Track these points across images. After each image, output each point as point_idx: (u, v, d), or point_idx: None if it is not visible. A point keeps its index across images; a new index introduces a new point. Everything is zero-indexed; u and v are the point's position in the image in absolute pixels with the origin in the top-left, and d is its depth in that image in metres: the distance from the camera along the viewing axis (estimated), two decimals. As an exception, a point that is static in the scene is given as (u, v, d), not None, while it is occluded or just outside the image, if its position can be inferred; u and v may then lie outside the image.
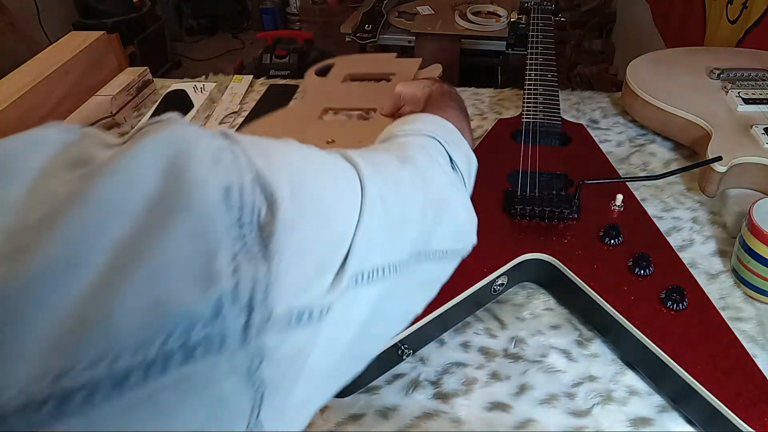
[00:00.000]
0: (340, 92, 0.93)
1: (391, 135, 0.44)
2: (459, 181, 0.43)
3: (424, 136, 0.42)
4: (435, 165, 0.40)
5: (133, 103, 1.04)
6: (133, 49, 2.58)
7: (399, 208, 0.32)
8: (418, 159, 0.38)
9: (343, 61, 1.02)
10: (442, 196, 0.38)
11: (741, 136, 0.76)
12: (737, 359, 0.52)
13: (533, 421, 0.53)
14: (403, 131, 0.43)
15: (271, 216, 0.21)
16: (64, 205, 0.18)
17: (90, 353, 0.16)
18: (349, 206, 0.28)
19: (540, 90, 0.88)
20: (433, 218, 0.36)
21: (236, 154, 0.22)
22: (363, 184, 0.29)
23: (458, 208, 0.41)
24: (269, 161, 0.23)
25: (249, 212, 0.21)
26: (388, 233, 0.31)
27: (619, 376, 0.57)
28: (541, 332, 0.61)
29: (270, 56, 2.17)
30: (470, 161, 0.47)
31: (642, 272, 0.59)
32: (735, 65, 0.90)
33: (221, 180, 0.20)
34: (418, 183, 0.35)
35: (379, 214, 0.29)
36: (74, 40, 1.04)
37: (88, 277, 0.17)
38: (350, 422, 0.54)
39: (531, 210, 0.65)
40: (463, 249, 0.42)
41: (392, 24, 1.82)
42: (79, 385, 0.16)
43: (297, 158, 0.27)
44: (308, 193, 0.25)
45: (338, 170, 0.30)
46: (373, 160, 0.32)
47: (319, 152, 0.30)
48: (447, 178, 0.40)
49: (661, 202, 0.76)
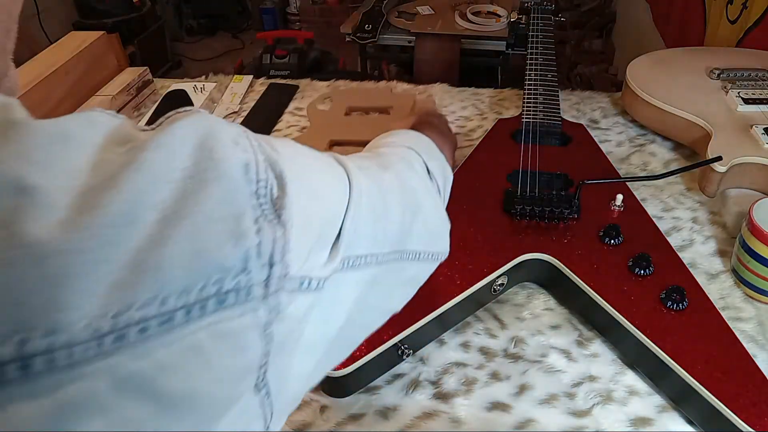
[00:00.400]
0: (343, 125, 0.96)
1: (374, 146, 0.48)
2: (434, 189, 0.46)
3: (404, 148, 0.46)
4: (412, 171, 0.43)
5: (133, 103, 1.04)
6: (133, 49, 2.57)
7: (381, 205, 0.36)
8: (397, 165, 0.42)
9: (341, 94, 1.04)
10: (417, 200, 0.41)
11: (741, 136, 0.76)
12: (737, 359, 0.52)
13: (533, 421, 0.53)
14: (385, 144, 0.48)
15: (281, 192, 0.25)
16: (121, 171, 0.21)
17: (144, 295, 0.20)
18: (340, 195, 0.31)
19: (540, 90, 0.88)
20: (410, 220, 0.39)
21: (250, 139, 0.26)
22: (350, 181, 0.33)
23: (432, 213, 0.43)
24: (274, 149, 0.27)
25: (264, 186, 0.24)
26: (372, 226, 0.34)
27: (619, 376, 0.57)
28: (541, 332, 0.61)
29: (270, 56, 2.17)
30: (446, 174, 0.50)
31: (642, 272, 0.59)
32: (735, 65, 0.90)
33: (241, 158, 0.24)
34: (396, 186, 0.39)
35: (364, 208, 0.33)
36: (74, 40, 1.04)
37: (142, 231, 0.20)
38: (350, 422, 0.54)
39: (531, 210, 0.65)
40: (437, 254, 0.45)
41: (392, 24, 1.81)
42: (134, 322, 0.19)
43: (296, 150, 0.31)
44: (307, 177, 0.29)
45: (330, 165, 0.33)
46: (358, 164, 0.36)
47: (314, 150, 0.33)
48: (423, 184, 0.44)
49: (661, 202, 0.76)
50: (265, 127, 0.98)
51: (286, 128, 0.98)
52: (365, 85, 1.09)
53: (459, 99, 1.03)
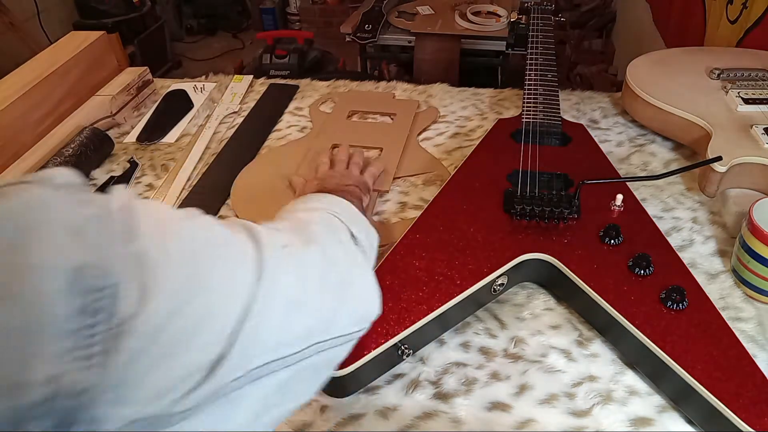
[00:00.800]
0: (346, 129, 0.96)
1: (294, 210, 0.45)
2: (362, 257, 0.43)
3: (325, 213, 0.44)
4: (338, 244, 0.40)
5: (133, 103, 1.04)
6: (133, 49, 2.58)
7: (300, 296, 0.31)
8: (321, 239, 0.38)
9: (344, 98, 1.04)
10: (345, 277, 0.38)
11: (741, 136, 0.76)
12: (737, 359, 0.52)
13: (533, 421, 0.53)
14: (306, 209, 0.45)
15: (137, 303, 0.19)
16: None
17: None
18: (236, 298, 0.26)
19: (540, 90, 0.88)
20: (336, 303, 0.35)
21: (110, 226, 0.20)
22: (263, 271, 0.28)
23: (361, 286, 0.41)
24: (162, 240, 0.21)
25: (101, 299, 0.18)
26: (284, 323, 0.29)
27: (619, 376, 0.57)
28: (541, 332, 0.61)
29: (270, 56, 2.17)
30: (370, 236, 0.48)
31: (642, 272, 0.59)
32: (735, 65, 0.90)
33: (71, 260, 0.18)
34: (321, 265, 0.35)
35: (277, 304, 0.28)
36: (74, 40, 1.04)
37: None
38: (350, 422, 0.54)
39: (531, 210, 0.65)
40: (365, 329, 0.42)
41: (392, 24, 1.82)
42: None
43: (193, 238, 0.25)
44: (186, 280, 0.23)
45: (236, 253, 0.28)
46: (282, 240, 0.31)
47: (220, 232, 0.28)
48: (350, 257, 0.41)
49: (661, 202, 0.76)
50: (265, 127, 0.98)
51: (286, 128, 0.98)
52: (366, 86, 1.09)
53: (459, 99, 1.03)
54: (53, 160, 0.84)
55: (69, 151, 0.86)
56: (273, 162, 0.89)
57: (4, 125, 0.86)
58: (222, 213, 0.80)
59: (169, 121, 1.01)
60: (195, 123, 1.01)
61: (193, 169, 0.89)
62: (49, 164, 0.83)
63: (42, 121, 0.92)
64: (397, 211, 0.79)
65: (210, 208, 0.80)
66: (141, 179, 0.88)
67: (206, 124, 1.00)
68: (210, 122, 1.00)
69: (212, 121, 1.00)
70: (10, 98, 0.87)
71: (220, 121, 1.00)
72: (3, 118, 0.85)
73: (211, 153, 0.93)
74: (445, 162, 0.87)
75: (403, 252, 0.63)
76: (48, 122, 0.93)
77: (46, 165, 0.83)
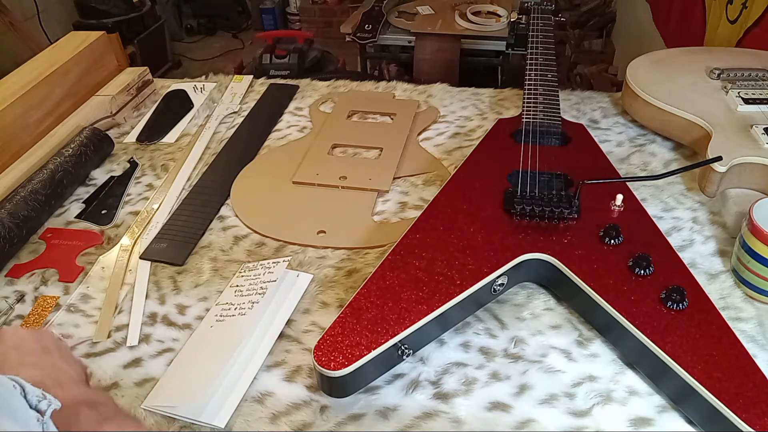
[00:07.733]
0: (346, 129, 0.97)
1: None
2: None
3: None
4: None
5: (133, 103, 1.04)
6: (133, 49, 2.58)
7: None
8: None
9: (344, 98, 1.04)
10: None
11: (741, 136, 0.76)
12: (737, 359, 0.52)
13: (533, 421, 0.53)
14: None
15: None
16: None
17: None
18: None
19: (540, 90, 0.88)
20: None
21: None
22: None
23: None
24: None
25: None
26: None
27: (619, 376, 0.57)
28: (541, 332, 0.61)
29: (270, 56, 2.17)
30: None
31: (642, 272, 0.59)
32: (735, 65, 0.90)
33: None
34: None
35: None
36: (74, 40, 1.04)
37: None
38: (350, 422, 0.54)
39: (531, 210, 0.65)
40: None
41: (392, 24, 1.81)
42: None
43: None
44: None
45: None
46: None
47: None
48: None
49: (661, 202, 0.76)
50: (265, 127, 0.98)
51: (286, 128, 0.98)
52: (366, 86, 1.09)
53: (459, 99, 1.03)
54: (53, 160, 0.84)
55: (69, 151, 0.86)
56: (273, 162, 0.89)
57: (4, 125, 0.86)
58: (222, 213, 0.80)
59: (169, 121, 1.01)
60: (195, 123, 1.01)
61: (193, 169, 0.89)
62: (49, 164, 0.83)
63: (42, 121, 0.92)
64: (397, 211, 0.78)
65: (210, 208, 0.80)
66: (141, 179, 0.88)
67: (206, 124, 1.00)
68: (210, 122, 1.00)
69: (212, 121, 1.00)
70: (10, 98, 0.87)
71: (220, 121, 1.00)
72: (3, 118, 0.85)
73: (211, 153, 0.93)
74: (445, 162, 0.87)
75: (403, 252, 0.63)
76: (48, 122, 0.93)
77: (46, 165, 0.83)
